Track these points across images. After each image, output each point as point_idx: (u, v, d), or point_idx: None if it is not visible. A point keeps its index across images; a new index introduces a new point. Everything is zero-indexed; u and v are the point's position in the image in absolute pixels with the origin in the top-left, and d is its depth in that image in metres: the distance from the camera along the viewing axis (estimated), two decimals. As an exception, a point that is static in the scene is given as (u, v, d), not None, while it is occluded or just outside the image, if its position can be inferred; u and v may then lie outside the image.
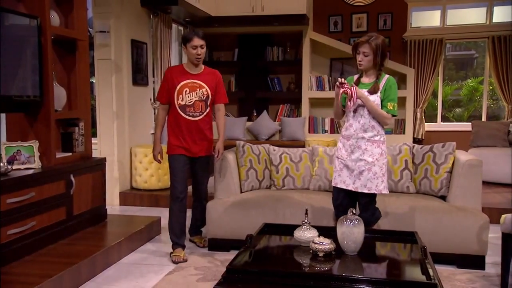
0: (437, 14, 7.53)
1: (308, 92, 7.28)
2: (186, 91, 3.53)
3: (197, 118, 3.58)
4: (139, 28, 5.75)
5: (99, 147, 5.43)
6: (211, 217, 3.74)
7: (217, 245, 3.72)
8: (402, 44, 7.50)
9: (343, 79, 3.00)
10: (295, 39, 7.40)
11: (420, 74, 7.40)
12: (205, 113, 3.62)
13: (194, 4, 6.08)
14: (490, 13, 7.32)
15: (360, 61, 3.04)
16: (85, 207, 3.84)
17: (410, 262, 2.60)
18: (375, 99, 3.03)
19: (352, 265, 2.48)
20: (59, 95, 3.71)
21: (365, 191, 3.04)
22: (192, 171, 3.80)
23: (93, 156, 4.16)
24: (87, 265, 3.13)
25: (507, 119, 6.91)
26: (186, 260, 3.48)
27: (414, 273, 2.39)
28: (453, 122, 9.06)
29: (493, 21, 7.31)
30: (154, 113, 6.23)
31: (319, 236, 2.60)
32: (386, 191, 3.09)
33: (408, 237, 2.85)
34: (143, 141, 5.90)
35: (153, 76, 6.15)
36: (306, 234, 2.67)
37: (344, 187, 3.11)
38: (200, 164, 3.75)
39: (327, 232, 2.70)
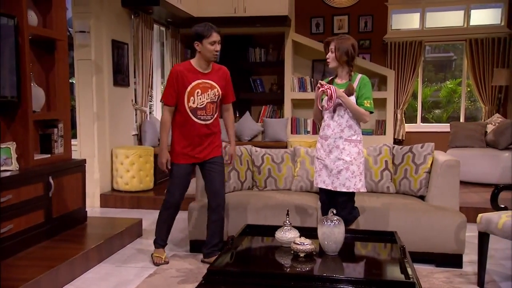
0: (416, 16, 7.66)
1: (291, 93, 7.31)
2: (198, 92, 3.19)
3: (208, 122, 3.26)
4: (120, 28, 5.70)
5: (79, 149, 5.36)
6: (192, 219, 3.72)
7: (198, 246, 3.70)
8: (382, 46, 7.60)
9: (323, 81, 3.07)
10: (278, 41, 7.43)
11: (400, 76, 7.51)
12: (215, 116, 3.31)
13: (175, 5, 6.05)
14: (467, 16, 7.47)
15: (327, 58, 3.14)
16: (64, 209, 3.78)
17: (390, 261, 2.63)
18: (352, 98, 3.08)
19: (332, 265, 2.50)
20: (37, 95, 3.64)
21: (344, 189, 3.07)
22: (206, 176, 3.37)
23: (72, 157, 4.10)
24: (65, 268, 3.09)
25: (484, 120, 7.06)
26: (167, 262, 3.45)
27: (393, 272, 2.42)
28: (433, 123, 9.21)
29: (471, 24, 7.47)
30: (136, 114, 6.19)
31: (300, 237, 2.61)
32: (364, 189, 3.14)
33: (388, 237, 2.89)
34: (124, 142, 5.85)
35: (135, 77, 6.10)
36: (288, 235, 2.68)
37: (324, 187, 3.15)
38: (215, 166, 3.33)
39: (309, 232, 2.71)
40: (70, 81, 5.32)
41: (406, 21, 7.84)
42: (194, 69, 3.23)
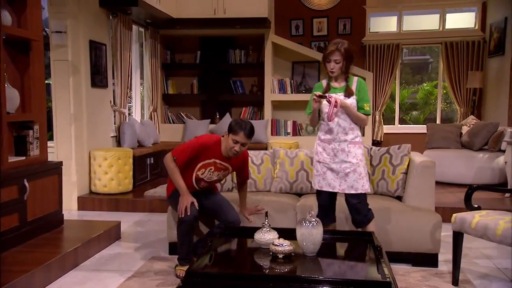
0: (394, 20, 7.79)
1: (271, 95, 7.34)
2: (211, 169, 3.22)
3: (204, 188, 3.36)
4: (97, 29, 5.63)
5: (56, 151, 5.27)
6: (171, 221, 3.69)
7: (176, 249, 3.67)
8: (361, 48, 7.69)
9: (318, 93, 3.01)
10: (258, 42, 7.45)
11: (378, 78, 7.62)
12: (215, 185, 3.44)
13: (154, 6, 6.02)
14: (443, 20, 7.64)
15: (332, 69, 3.08)
16: (40, 212, 3.71)
17: (367, 261, 2.66)
18: (352, 101, 3.08)
19: (310, 266, 2.52)
20: (12, 96, 3.57)
21: (352, 191, 3.08)
22: (211, 206, 3.33)
23: (49, 160, 4.03)
24: (41, 272, 3.03)
25: (460, 122, 7.21)
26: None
27: (370, 272, 2.45)
28: (410, 124, 9.37)
29: (446, 28, 7.64)
30: (114, 116, 6.12)
31: (279, 238, 2.62)
32: (370, 190, 3.19)
33: (366, 237, 2.92)
34: (103, 144, 5.77)
35: (113, 78, 6.03)
36: (266, 236, 2.68)
37: (331, 190, 3.13)
38: (216, 196, 3.42)
39: (288, 234, 2.72)
40: (47, 82, 5.22)
41: (383, 24, 7.97)
42: (219, 148, 3.21)
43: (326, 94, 3.03)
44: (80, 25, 5.26)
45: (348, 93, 3.09)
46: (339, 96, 3.07)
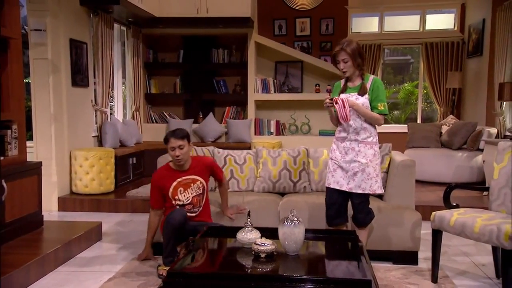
0: (375, 20, 7.88)
1: (254, 94, 7.35)
2: (180, 190, 3.33)
3: (196, 213, 3.38)
4: (78, 27, 5.55)
5: (36, 151, 5.18)
6: (154, 221, 3.67)
7: (159, 249, 3.65)
8: (343, 48, 7.74)
9: (327, 99, 3.04)
10: (241, 42, 7.44)
11: (360, 78, 7.68)
12: (203, 204, 3.42)
13: (136, 4, 5.96)
14: (423, 21, 7.76)
15: (343, 69, 3.09)
16: (18, 213, 3.65)
17: (348, 260, 2.68)
18: (364, 101, 3.07)
19: (292, 265, 2.53)
20: (-11, 96, 3.50)
21: (359, 191, 3.09)
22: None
23: (28, 160, 3.96)
24: (19, 274, 2.98)
25: (440, 121, 7.34)
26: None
27: (351, 270, 2.47)
28: (392, 124, 9.49)
29: (426, 28, 7.76)
30: (96, 115, 6.05)
31: (261, 238, 2.63)
32: (380, 191, 3.16)
33: (347, 236, 2.95)
34: (84, 144, 5.70)
35: (94, 77, 5.96)
36: (249, 236, 2.69)
37: (338, 188, 3.14)
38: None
39: (270, 233, 2.73)
40: (26, 81, 5.14)
41: (365, 25, 8.05)
42: (172, 170, 3.36)
43: (332, 98, 3.04)
44: (60, 23, 5.18)
45: (362, 92, 3.08)
46: (352, 96, 3.07)
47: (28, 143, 4.08)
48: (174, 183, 3.32)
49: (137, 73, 7.16)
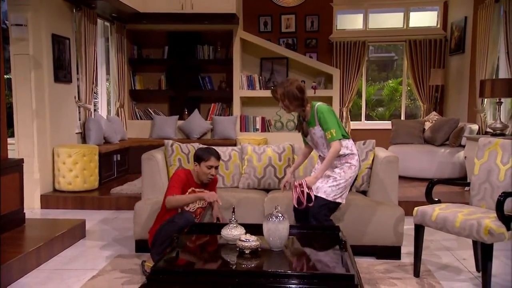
0: (360, 17, 7.92)
1: (239, 91, 7.34)
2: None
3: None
4: (60, 22, 5.47)
5: (17, 148, 5.11)
6: (138, 218, 3.65)
7: (144, 246, 3.63)
8: (328, 45, 7.80)
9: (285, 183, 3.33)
10: (226, 38, 7.42)
11: (345, 75, 7.74)
12: (201, 216, 3.42)
13: (120, -1, 5.90)
14: (407, 18, 7.83)
15: (282, 107, 3.20)
16: None
17: (332, 255, 2.70)
18: (319, 131, 3.17)
19: (277, 261, 2.55)
20: (-31, 92, 3.44)
21: (323, 196, 3.13)
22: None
23: (9, 157, 3.90)
24: (1, 272, 2.93)
25: (423, 118, 7.43)
26: None
27: (334, 265, 2.49)
28: (376, 120, 9.57)
29: (410, 26, 7.83)
30: (79, 112, 5.98)
31: (246, 234, 2.63)
32: (341, 200, 3.19)
33: (331, 232, 2.97)
34: (67, 140, 5.63)
35: (77, 73, 5.88)
36: (233, 232, 2.69)
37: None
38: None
39: (255, 229, 2.73)
40: (6, 76, 5.05)
41: (350, 22, 8.10)
42: (192, 178, 3.38)
43: (291, 184, 3.22)
44: (42, 18, 5.10)
45: (314, 124, 3.18)
46: (314, 132, 3.18)
47: (10, 140, 4.03)
48: (189, 190, 3.36)
49: (121, 69, 7.09)
